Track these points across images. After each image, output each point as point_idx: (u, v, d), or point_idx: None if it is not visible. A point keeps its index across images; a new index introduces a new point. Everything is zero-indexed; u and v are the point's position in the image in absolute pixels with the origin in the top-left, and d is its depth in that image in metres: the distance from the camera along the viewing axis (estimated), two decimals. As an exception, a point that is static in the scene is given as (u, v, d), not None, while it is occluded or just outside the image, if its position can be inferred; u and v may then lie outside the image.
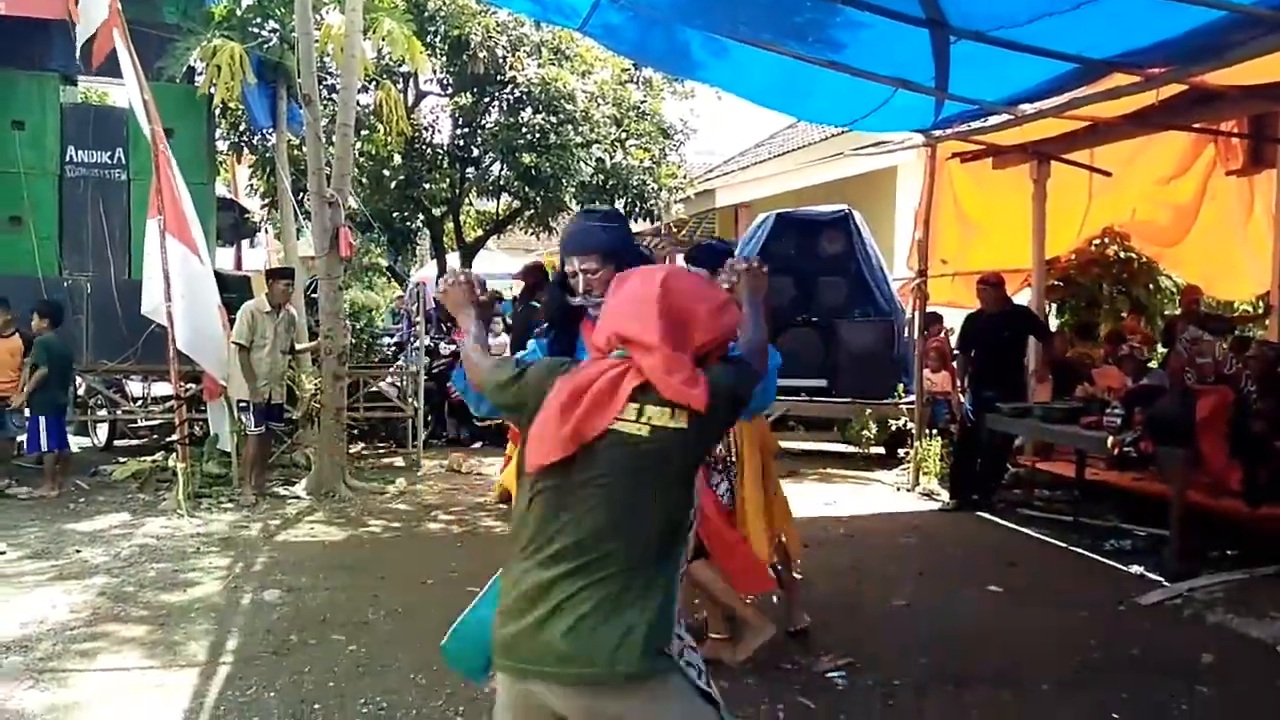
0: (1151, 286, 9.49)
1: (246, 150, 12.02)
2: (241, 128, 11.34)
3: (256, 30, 9.32)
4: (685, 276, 2.20)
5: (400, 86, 12.12)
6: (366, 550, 6.36)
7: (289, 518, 7.21)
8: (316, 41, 8.49)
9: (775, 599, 4.61)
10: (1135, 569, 5.73)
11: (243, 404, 7.73)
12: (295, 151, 10.55)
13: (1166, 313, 9.20)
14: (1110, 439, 5.87)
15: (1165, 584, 5.46)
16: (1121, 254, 9.32)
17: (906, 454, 8.69)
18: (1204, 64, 4.80)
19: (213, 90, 8.92)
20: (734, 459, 4.10)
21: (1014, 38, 5.07)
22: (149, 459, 8.61)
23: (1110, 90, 5.55)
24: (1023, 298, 8.69)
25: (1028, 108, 6.34)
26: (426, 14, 11.36)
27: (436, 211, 13.81)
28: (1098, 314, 9.28)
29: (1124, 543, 6.29)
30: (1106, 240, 9.32)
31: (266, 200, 12.60)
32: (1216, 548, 5.71)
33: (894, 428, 9.67)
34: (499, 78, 11.85)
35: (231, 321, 7.82)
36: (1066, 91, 5.91)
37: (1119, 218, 9.05)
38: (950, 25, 5.17)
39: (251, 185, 13.03)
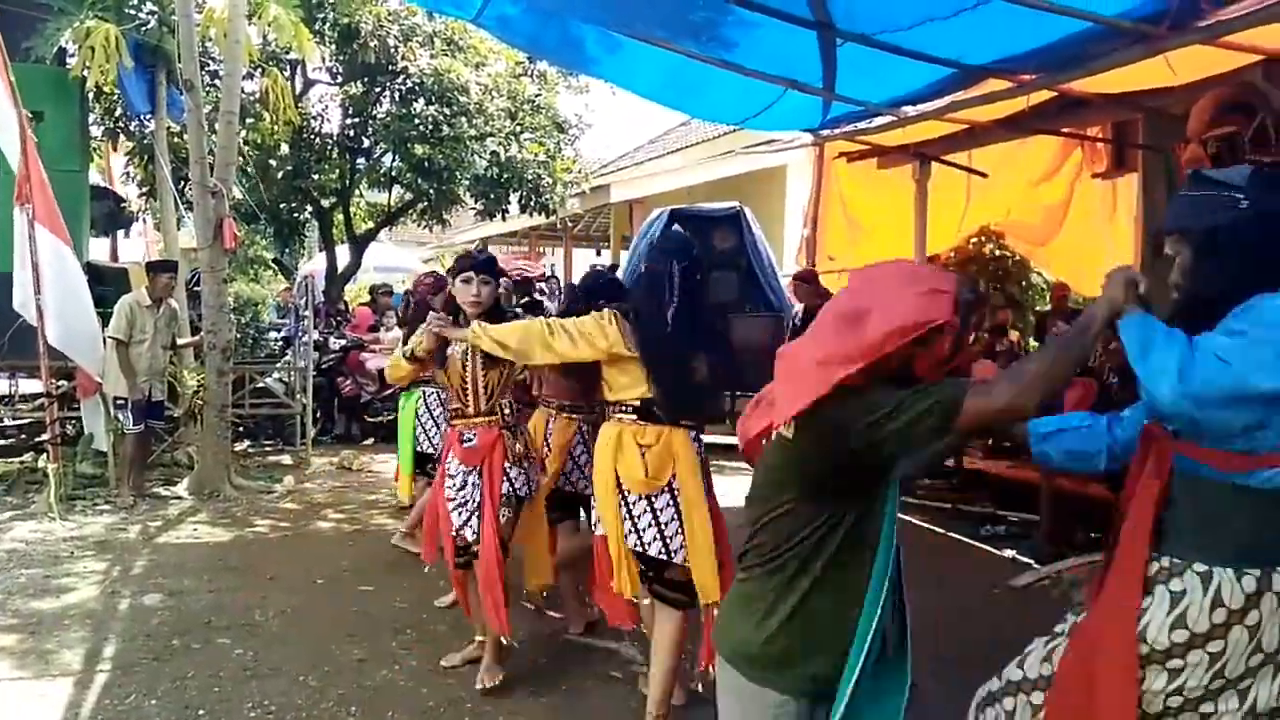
0: (1024, 283, 9.94)
1: (123, 137, 11.49)
2: (117, 113, 10.83)
3: (133, 12, 8.92)
4: (884, 268, 2.06)
5: (287, 74, 11.77)
6: (253, 551, 6.21)
7: (170, 519, 6.98)
8: (198, 25, 8.19)
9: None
10: (1008, 553, 6.02)
11: (120, 401, 7.44)
12: (176, 139, 10.16)
13: (1038, 308, 9.66)
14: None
15: (1035, 566, 5.75)
16: (997, 252, 9.74)
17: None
18: (1071, 72, 5.05)
19: (86, 73, 8.52)
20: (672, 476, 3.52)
21: (897, 42, 5.25)
22: (17, 460, 8.21)
23: (986, 95, 5.79)
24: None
25: (910, 110, 6.56)
26: (315, 0, 11.06)
27: (326, 203, 13.46)
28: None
29: (998, 528, 6.59)
30: (983, 239, 9.72)
31: (145, 189, 12.07)
32: (1083, 530, 6.04)
33: (785, 420, 9.88)
34: (390, 68, 11.62)
35: (108, 315, 7.51)
36: (946, 95, 6.14)
37: (995, 217, 9.45)
38: (837, 28, 5.32)
39: (128, 173, 12.48)
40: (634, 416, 3.51)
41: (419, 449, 5.71)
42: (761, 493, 2.10)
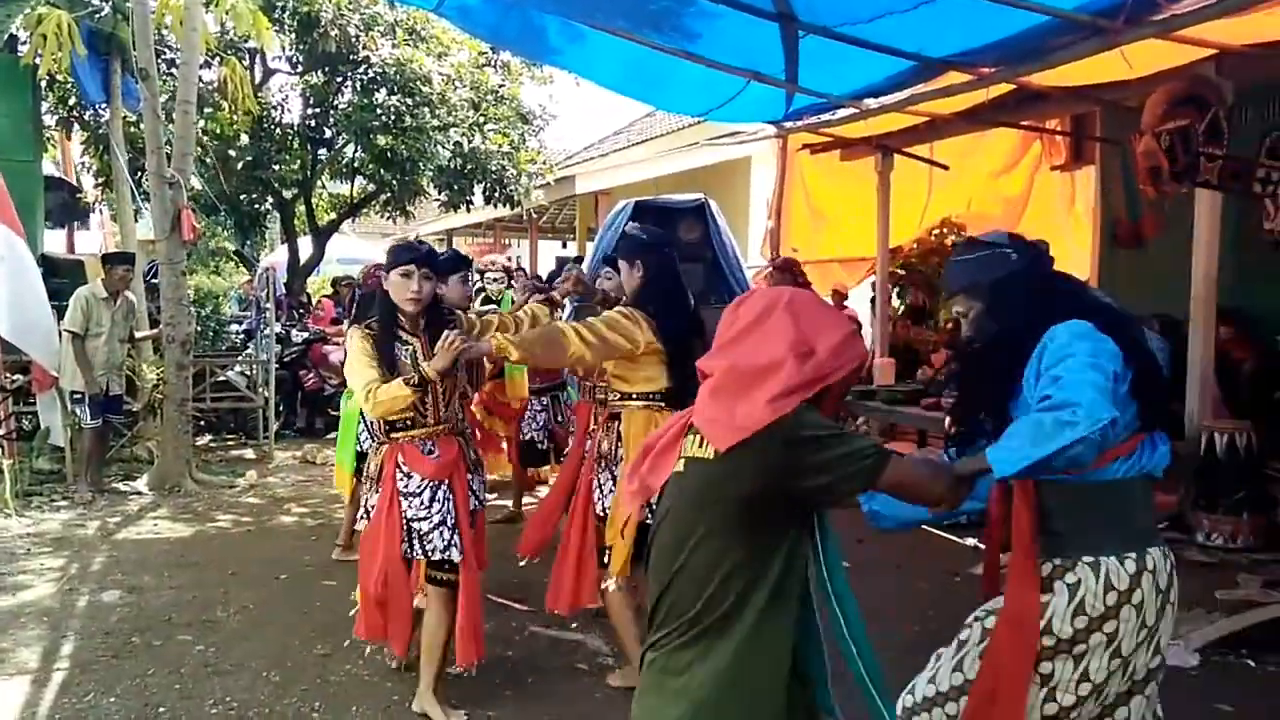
0: (986, 275, 10.04)
1: (77, 126, 11.28)
2: (71, 102, 10.63)
3: (87, -1, 8.77)
4: (804, 300, 1.98)
5: (246, 63, 11.61)
6: (215, 546, 6.14)
7: (130, 515, 6.88)
8: (153, 13, 8.06)
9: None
10: (969, 541, 6.09)
11: (77, 395, 7.32)
12: (132, 129, 10.00)
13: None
14: (948, 419, 6.20)
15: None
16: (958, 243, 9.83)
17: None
18: (1029, 65, 5.10)
19: (38, 61, 8.35)
20: (616, 458, 3.82)
21: (858, 34, 5.28)
22: (-30, 456, 8.06)
23: (946, 88, 5.84)
24: (868, 285, 9.06)
25: (872, 102, 6.60)
26: (273, -12, 10.92)
27: (287, 194, 13.31)
28: (936, 300, 9.76)
29: (960, 516, 6.65)
30: (945, 230, 9.79)
31: (101, 180, 11.87)
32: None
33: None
34: (352, 57, 11.50)
35: (64, 308, 7.38)
36: (907, 88, 6.19)
37: (956, 209, 9.53)
38: (799, 20, 5.34)
39: (84, 164, 12.25)
40: (663, 404, 3.71)
41: (360, 448, 5.69)
42: (670, 534, 1.90)
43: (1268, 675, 4.10)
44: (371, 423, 3.65)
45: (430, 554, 3.54)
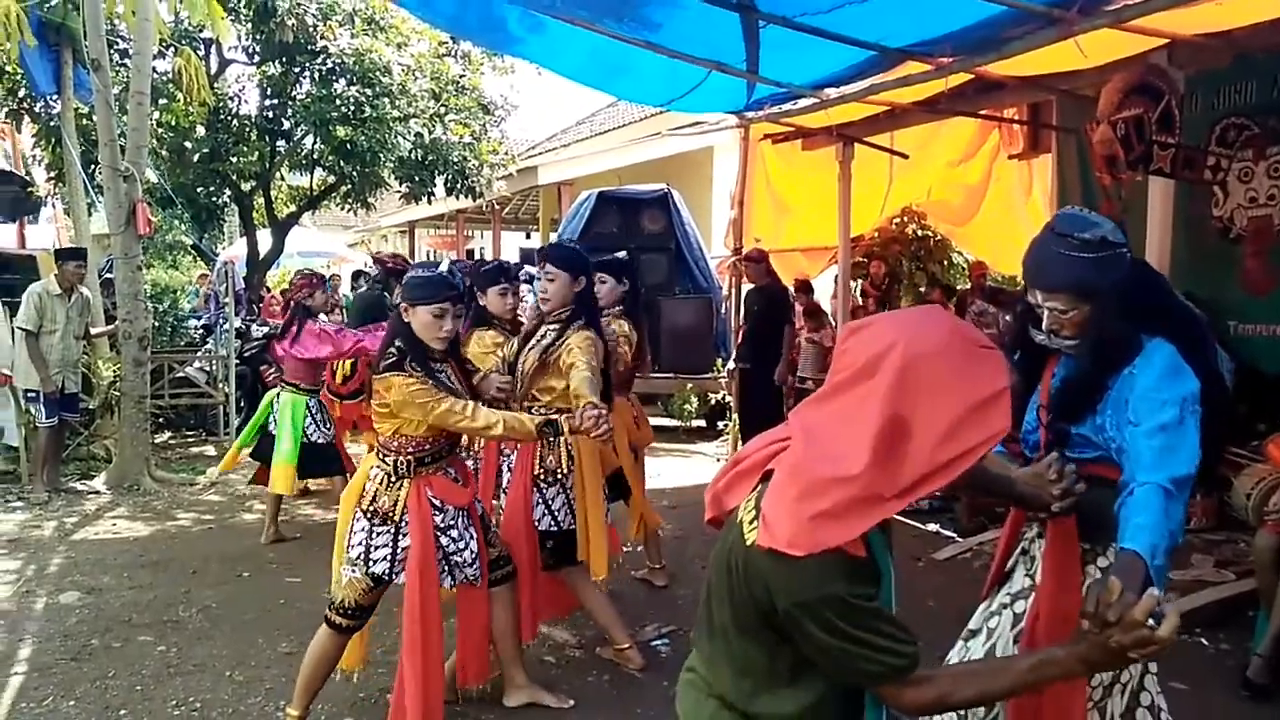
0: (946, 263, 10.15)
1: (28, 119, 11.06)
2: (21, 93, 10.41)
3: (35, -12, 8.57)
4: (929, 349, 1.42)
5: (202, 53, 11.43)
6: (175, 544, 6.07)
7: (88, 514, 6.79)
8: (104, 2, 7.90)
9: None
10: (932, 526, 6.17)
11: (31, 394, 7.21)
12: (85, 121, 9.81)
13: (959, 286, 9.88)
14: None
15: (957, 539, 5.92)
16: (919, 232, 9.92)
17: (726, 426, 8.99)
18: (987, 55, 5.13)
19: (-15, 52, 8.17)
20: (568, 470, 3.82)
21: (818, 24, 5.28)
22: (-78, 457, 7.90)
23: (905, 77, 5.86)
24: (831, 274, 9.11)
25: (832, 92, 6.62)
26: (228, -23, 10.74)
27: (245, 186, 13.13)
28: (898, 289, 9.86)
29: (922, 502, 6.74)
30: (906, 219, 9.91)
31: (53, 173, 11.64)
32: (1001, 504, 6.21)
33: (714, 401, 9.99)
34: (310, 47, 11.35)
35: (16, 305, 7.24)
36: (867, 77, 6.20)
37: (917, 198, 9.61)
38: (759, 10, 5.34)
39: (35, 156, 12.01)
40: None
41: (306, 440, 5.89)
42: (712, 581, 1.64)
43: (1220, 652, 4.20)
44: (396, 460, 3.24)
45: (474, 580, 3.41)
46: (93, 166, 9.53)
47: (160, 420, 9.40)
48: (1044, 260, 2.22)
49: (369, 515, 3.26)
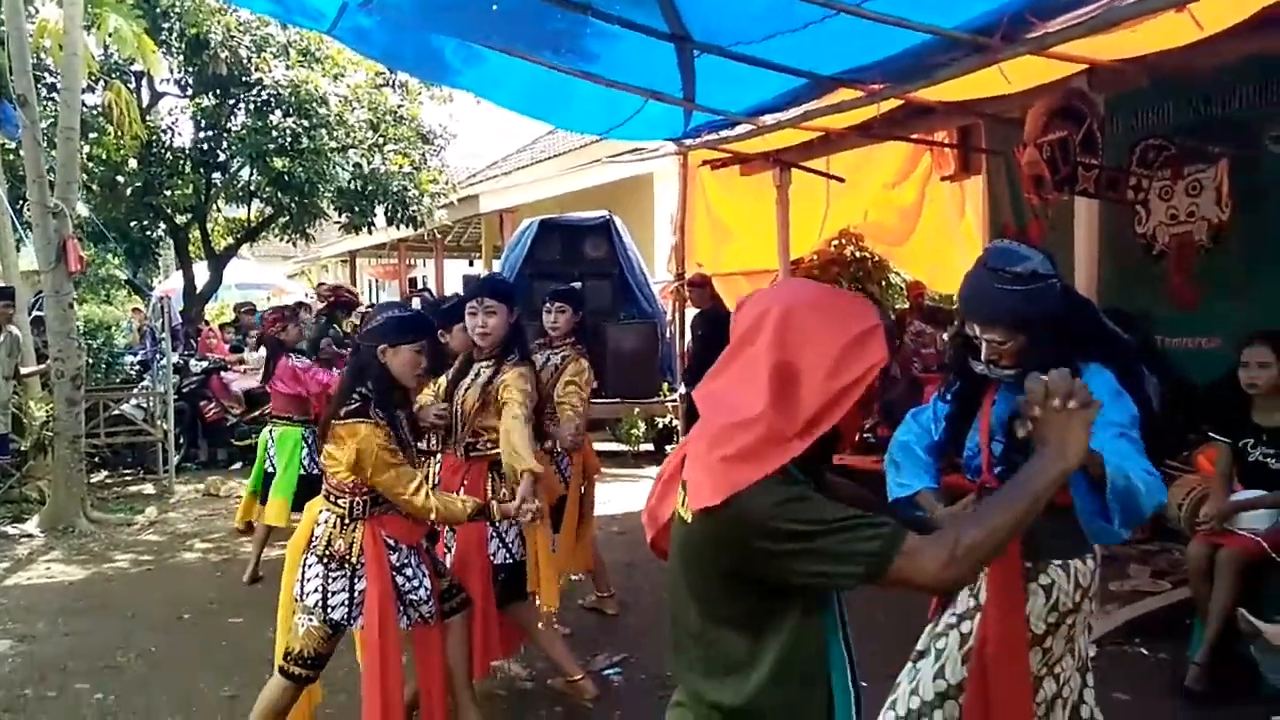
0: (884, 283, 10.32)
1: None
2: (-56, 129, 10.16)
3: (-42, 23, 8.39)
4: (800, 302, 1.56)
5: (133, 86, 11.27)
6: (113, 588, 5.92)
7: (20, 559, 6.59)
8: (31, 37, 7.76)
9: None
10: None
11: (-42, 437, 6.99)
12: (12, 156, 9.60)
13: (898, 306, 10.05)
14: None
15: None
16: (857, 253, 10.09)
17: (674, 449, 9.01)
18: (915, 81, 5.26)
19: (-94, 88, 7.97)
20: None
21: (752, 53, 5.38)
22: None
23: (838, 104, 5.98)
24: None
25: (768, 119, 6.72)
26: (159, 9, 10.61)
27: (180, 219, 12.93)
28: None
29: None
30: (844, 241, 10.05)
31: (-22, 209, 11.36)
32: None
33: (661, 425, 10.03)
34: (244, 79, 11.25)
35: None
36: (801, 104, 6.32)
37: (854, 220, 9.77)
38: (694, 40, 5.42)
39: (-41, 193, 11.70)
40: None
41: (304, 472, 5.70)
42: (669, 584, 1.68)
43: (1159, 662, 4.31)
44: (351, 501, 3.19)
45: (428, 617, 3.35)
46: (21, 203, 9.33)
47: (96, 459, 9.18)
48: (979, 294, 2.31)
49: (324, 561, 3.19)
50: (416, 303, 8.50)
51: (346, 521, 3.22)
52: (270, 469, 5.79)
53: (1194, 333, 6.32)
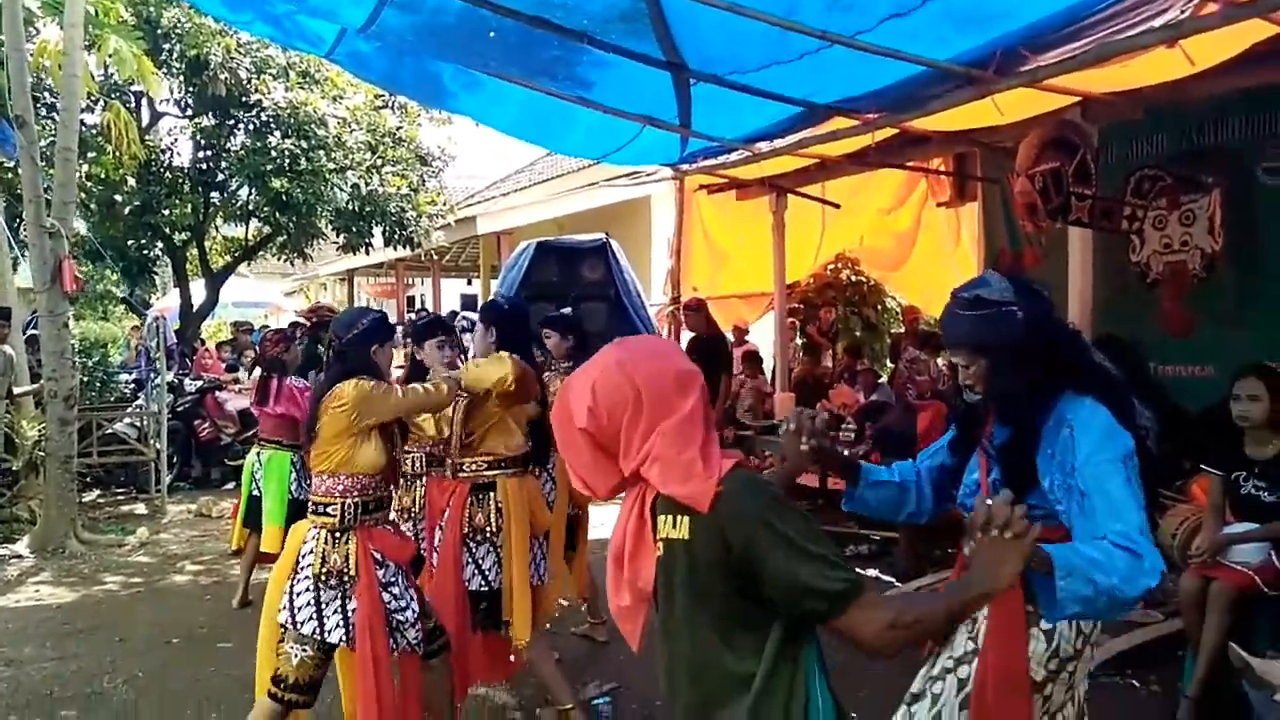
0: (880, 307, 10.34)
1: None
2: (-57, 148, 10.19)
3: (-43, 43, 8.42)
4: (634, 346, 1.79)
5: (132, 106, 11.31)
6: (102, 611, 5.89)
7: (9, 580, 6.56)
8: (30, 58, 7.79)
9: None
10: (871, 571, 6.22)
11: (-51, 457, 6.97)
12: (10, 175, 9.62)
13: (893, 331, 10.06)
14: (845, 452, 6.33)
15: (897, 584, 5.97)
16: (853, 278, 10.11)
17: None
18: (910, 112, 5.29)
19: (-95, 108, 7.98)
20: (497, 528, 3.81)
21: (748, 82, 5.41)
22: None
23: (833, 132, 6.01)
24: (768, 321, 9.23)
25: (764, 146, 6.75)
26: (160, 31, 10.68)
27: (179, 238, 12.96)
28: (832, 332, 10.02)
29: (861, 547, 6.80)
30: (840, 265, 10.08)
31: (-24, 227, 11.38)
32: (939, 547, 6.30)
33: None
34: (244, 100, 11.31)
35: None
36: (797, 132, 6.35)
37: (850, 244, 9.81)
38: (690, 69, 5.45)
39: (-43, 210, 11.73)
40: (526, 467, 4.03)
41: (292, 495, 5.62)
42: (663, 620, 1.78)
43: (1151, 694, 4.29)
44: (342, 506, 3.22)
45: (414, 644, 3.35)
46: (18, 222, 9.34)
47: (88, 479, 9.15)
48: (943, 319, 2.42)
49: (319, 579, 3.18)
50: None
51: (338, 534, 3.23)
52: (256, 493, 5.75)
53: (1188, 360, 6.33)
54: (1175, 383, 6.28)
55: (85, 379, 9.26)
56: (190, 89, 11.36)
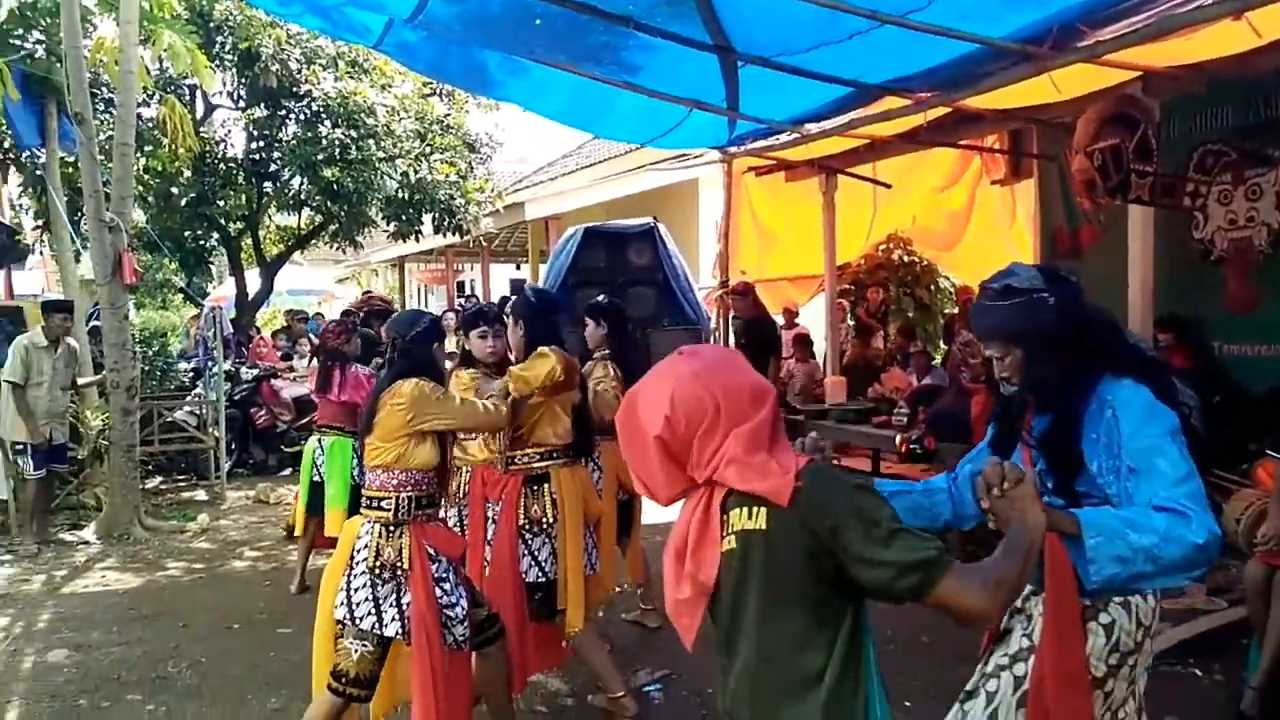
0: (933, 287, 10.20)
1: (14, 168, 11.10)
2: (7, 144, 10.45)
3: (19, 43, 8.60)
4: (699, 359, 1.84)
5: (187, 99, 11.50)
6: (165, 596, 6.02)
7: (77, 566, 6.74)
8: (88, 55, 7.94)
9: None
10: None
11: (19, 446, 7.17)
12: (71, 169, 9.83)
13: (946, 311, 9.92)
14: (899, 437, 6.27)
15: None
16: (905, 258, 9.98)
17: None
18: (963, 90, 5.19)
19: (-30, 106, 8.20)
20: (553, 519, 3.81)
21: (796, 63, 5.34)
22: (-90, 511, 7.84)
23: (884, 112, 5.92)
24: (819, 303, 9.14)
25: (813, 127, 6.67)
26: (213, 24, 10.82)
27: (233, 228, 13.18)
28: (885, 313, 9.90)
29: (916, 533, 6.72)
30: (891, 245, 9.96)
31: (40, 221, 11.67)
32: (989, 549, 6.19)
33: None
34: (294, 91, 11.43)
35: (2, 357, 7.23)
36: (847, 112, 6.26)
37: (901, 225, 9.68)
38: (737, 51, 5.40)
39: (22, 205, 12.03)
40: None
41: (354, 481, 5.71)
42: (730, 612, 1.80)
43: (1214, 683, 4.19)
44: (397, 500, 3.26)
45: (461, 642, 3.34)
46: (79, 214, 9.55)
47: (150, 466, 9.36)
48: (974, 311, 2.38)
49: (374, 572, 3.20)
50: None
51: (392, 528, 3.24)
52: (318, 478, 5.85)
53: (1253, 339, 6.16)
54: (1239, 361, 6.12)
55: (146, 368, 9.46)
56: (242, 81, 11.50)
